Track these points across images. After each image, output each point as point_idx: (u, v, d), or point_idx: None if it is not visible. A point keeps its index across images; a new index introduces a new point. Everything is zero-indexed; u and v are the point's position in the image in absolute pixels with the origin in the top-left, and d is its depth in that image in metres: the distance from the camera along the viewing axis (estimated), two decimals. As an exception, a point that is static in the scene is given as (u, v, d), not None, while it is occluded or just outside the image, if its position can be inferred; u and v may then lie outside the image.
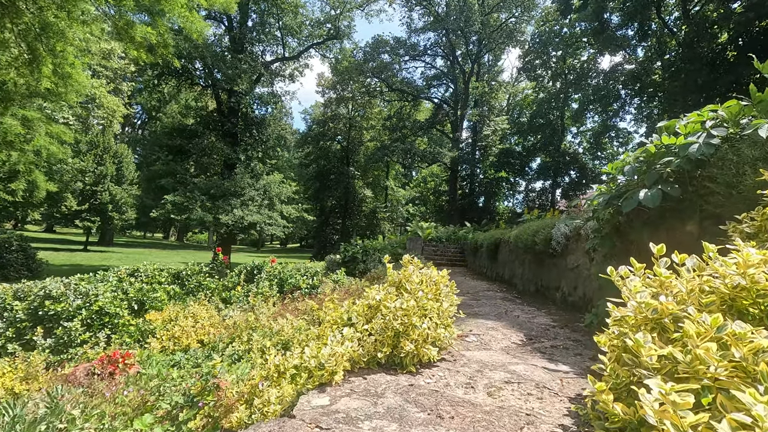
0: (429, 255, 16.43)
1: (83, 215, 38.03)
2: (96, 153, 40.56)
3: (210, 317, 3.97)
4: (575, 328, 3.41)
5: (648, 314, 1.45)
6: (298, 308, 4.50)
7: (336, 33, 26.27)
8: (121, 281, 5.00)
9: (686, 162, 2.25)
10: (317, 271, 6.24)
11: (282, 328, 2.80)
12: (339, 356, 2.21)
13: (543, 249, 5.09)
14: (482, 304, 4.70)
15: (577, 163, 30.63)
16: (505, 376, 2.35)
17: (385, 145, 36.76)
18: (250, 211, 21.81)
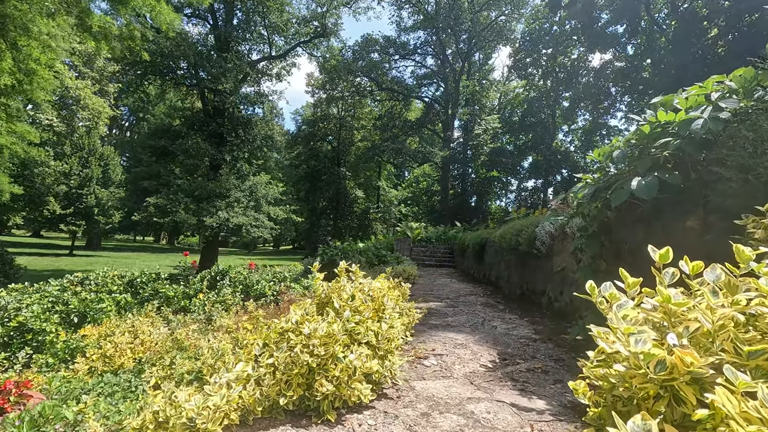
0: (418, 256, 16.02)
1: (68, 219, 37.22)
2: (81, 155, 39.74)
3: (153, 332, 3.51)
4: (559, 342, 3.01)
5: (650, 371, 0.93)
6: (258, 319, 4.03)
7: (323, 31, 25.80)
8: (64, 290, 4.50)
9: (688, 142, 1.83)
10: (286, 276, 5.78)
11: (205, 351, 2.33)
12: (216, 409, 1.61)
13: (527, 250, 4.68)
14: (459, 312, 4.27)
15: (569, 161, 30.42)
16: (457, 423, 1.83)
17: (375, 144, 36.40)
18: (235, 213, 21.25)
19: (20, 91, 9.92)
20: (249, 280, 5.43)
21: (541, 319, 4.02)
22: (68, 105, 42.17)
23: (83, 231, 38.71)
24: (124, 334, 3.32)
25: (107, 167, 42.51)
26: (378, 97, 39.50)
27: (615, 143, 2.49)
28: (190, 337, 3.08)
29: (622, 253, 2.36)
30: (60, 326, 3.80)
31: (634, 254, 2.26)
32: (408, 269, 7.38)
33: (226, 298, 4.86)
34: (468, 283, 7.96)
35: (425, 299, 5.29)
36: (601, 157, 2.53)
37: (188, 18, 27.02)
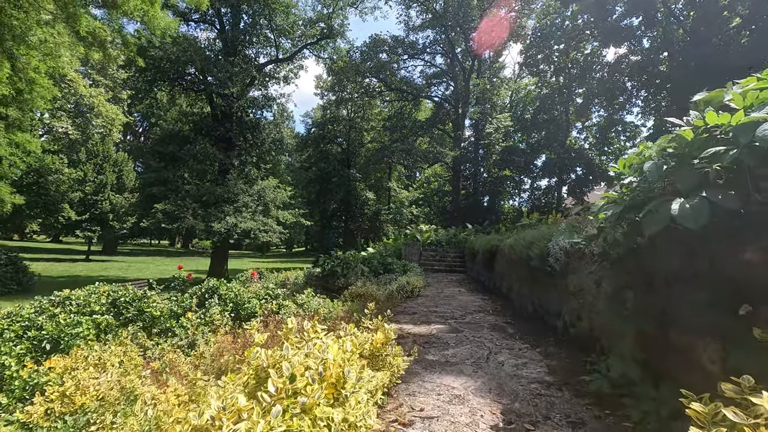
0: (427, 260, 15.58)
1: (84, 225, 37.82)
2: (96, 162, 40.38)
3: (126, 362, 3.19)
4: (578, 391, 2.51)
5: None
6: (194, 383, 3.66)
7: (329, 32, 25.54)
8: (41, 312, 4.22)
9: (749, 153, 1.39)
10: (278, 293, 5.43)
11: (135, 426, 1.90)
12: None
13: (539, 265, 4.23)
14: (462, 341, 3.79)
15: (584, 159, 29.51)
16: None
17: (385, 145, 36.03)
18: (243, 217, 21.10)
19: (21, 100, 9.81)
20: (240, 298, 5.10)
21: (556, 349, 3.55)
22: (83, 113, 42.95)
23: (98, 236, 39.30)
24: (88, 369, 2.99)
25: (121, 173, 43.15)
26: (387, 97, 39.11)
27: (644, 150, 2.04)
28: (148, 380, 2.73)
29: (656, 285, 1.93)
30: (29, 356, 3.51)
31: (670, 287, 1.84)
32: (413, 281, 6.97)
33: (214, 318, 4.52)
34: (477, 294, 7.49)
35: (427, 319, 4.86)
36: (628, 169, 2.09)
37: (196, 23, 27.11)
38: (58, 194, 32.67)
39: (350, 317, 4.16)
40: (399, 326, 4.30)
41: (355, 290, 6.17)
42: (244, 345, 3.96)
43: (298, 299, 5.30)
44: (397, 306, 5.84)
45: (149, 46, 20.65)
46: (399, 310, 5.46)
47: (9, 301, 16.53)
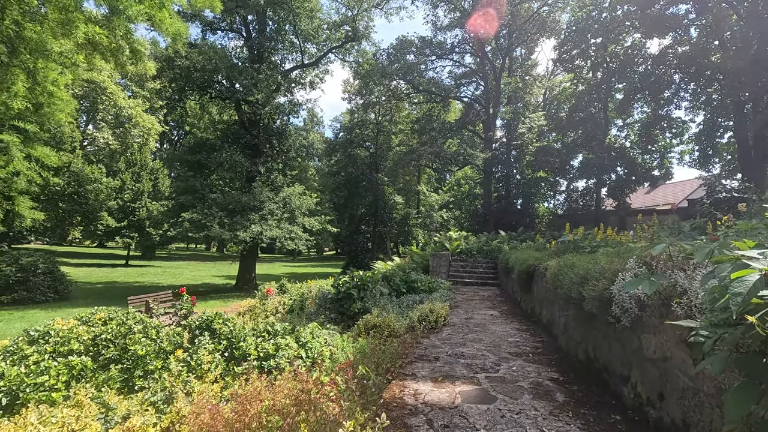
0: (456, 272, 14.66)
1: (123, 231, 39.33)
2: (134, 171, 41.98)
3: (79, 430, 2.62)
4: None
5: None
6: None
7: (354, 35, 25.08)
8: (12, 353, 3.75)
9: None
10: (277, 330, 4.73)
11: None
12: None
13: (597, 313, 3.33)
14: (495, 420, 2.95)
15: (625, 158, 27.59)
16: None
17: (413, 148, 35.28)
18: (269, 225, 20.88)
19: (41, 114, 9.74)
20: (235, 334, 4.48)
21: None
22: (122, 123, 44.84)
23: (136, 242, 40.74)
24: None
25: (157, 181, 44.66)
26: (415, 99, 38.34)
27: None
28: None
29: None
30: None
31: None
32: (437, 308, 6.16)
33: (203, 358, 3.92)
34: (512, 321, 6.55)
35: (451, 371, 3.98)
36: None
37: (223, 32, 27.42)
38: (97, 203, 33.93)
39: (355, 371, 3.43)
40: (414, 387, 3.50)
41: (370, 320, 5.46)
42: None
43: (302, 334, 4.64)
44: (417, 343, 5.05)
45: (176, 56, 20.87)
46: (418, 354, 4.65)
47: (45, 310, 16.93)
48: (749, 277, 1.32)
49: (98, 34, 7.80)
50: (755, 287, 1.28)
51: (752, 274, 1.31)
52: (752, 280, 1.31)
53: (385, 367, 3.86)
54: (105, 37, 7.86)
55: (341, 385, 3.39)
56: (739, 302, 1.27)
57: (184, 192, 22.93)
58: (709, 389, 2.02)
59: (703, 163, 24.39)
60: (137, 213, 38.59)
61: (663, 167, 29.42)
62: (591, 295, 3.30)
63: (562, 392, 3.45)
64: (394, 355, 4.15)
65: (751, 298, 1.26)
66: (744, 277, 1.33)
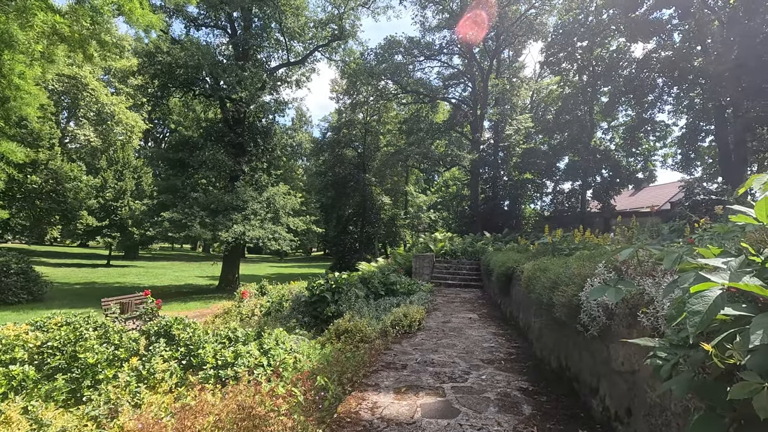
0: (440, 273, 14.52)
1: (104, 231, 38.44)
2: (116, 169, 41.06)
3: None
4: None
5: None
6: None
7: (341, 33, 24.84)
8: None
9: None
10: (238, 337, 4.50)
11: None
12: None
13: (566, 320, 3.16)
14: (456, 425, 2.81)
15: (610, 161, 27.85)
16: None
17: (401, 149, 35.15)
18: (252, 225, 20.51)
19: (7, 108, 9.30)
20: (195, 340, 4.23)
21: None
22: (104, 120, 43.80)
23: (118, 242, 39.89)
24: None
25: (140, 179, 43.78)
26: (403, 100, 38.22)
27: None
28: None
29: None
30: None
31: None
32: (412, 312, 5.97)
33: (156, 367, 3.67)
34: (490, 325, 6.39)
35: (417, 381, 3.76)
36: (765, 218, 1.12)
37: (208, 28, 26.96)
38: (76, 201, 33.06)
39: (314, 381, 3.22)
40: (374, 400, 3.28)
41: (341, 324, 5.25)
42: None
43: (266, 341, 4.41)
44: (387, 350, 4.85)
45: (157, 51, 20.39)
46: (386, 361, 4.43)
47: (16, 312, 16.32)
48: (710, 292, 1.13)
49: (59, 23, 7.40)
50: (715, 305, 1.09)
51: (713, 288, 1.14)
52: (713, 295, 1.12)
53: (348, 377, 3.66)
54: (67, 26, 7.46)
55: (299, 397, 3.19)
56: (697, 323, 1.08)
57: (164, 191, 22.43)
58: (676, 408, 1.87)
59: (686, 166, 24.73)
60: (119, 212, 37.76)
61: (647, 170, 29.80)
62: (560, 302, 3.13)
63: (530, 404, 3.27)
64: (359, 364, 3.95)
65: (711, 318, 1.08)
66: (704, 292, 1.14)
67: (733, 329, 1.04)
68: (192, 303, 19.85)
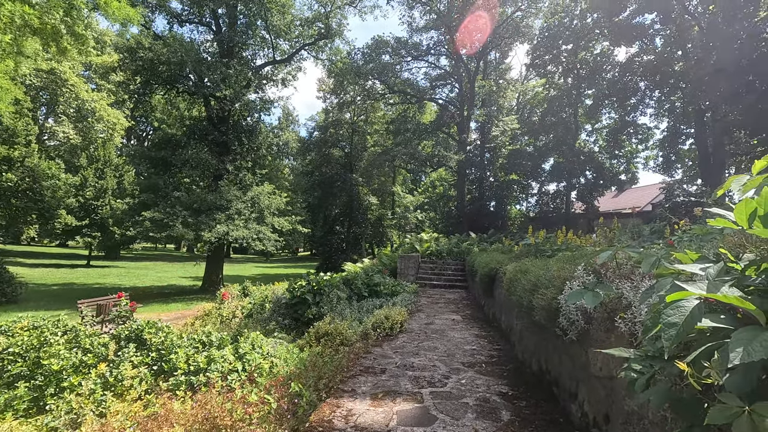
0: (425, 274, 14.48)
1: (84, 230, 37.48)
2: (97, 167, 40.07)
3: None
4: None
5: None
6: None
7: (327, 32, 24.64)
8: None
9: None
10: (212, 341, 4.36)
11: None
12: None
13: (545, 324, 3.12)
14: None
15: (593, 163, 28.28)
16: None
17: (388, 149, 35.08)
18: (235, 225, 20.19)
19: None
20: (167, 345, 4.07)
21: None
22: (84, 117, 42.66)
23: (98, 242, 38.96)
24: None
25: (122, 178, 42.81)
26: (391, 100, 38.16)
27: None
28: None
29: None
30: None
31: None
32: (394, 314, 5.88)
33: (124, 376, 3.50)
34: (473, 326, 6.34)
35: (395, 386, 3.69)
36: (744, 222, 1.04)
37: (192, 25, 26.49)
38: (54, 200, 32.14)
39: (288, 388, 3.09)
40: (349, 407, 3.17)
41: (321, 327, 5.14)
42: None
43: (241, 345, 4.27)
44: (367, 353, 4.74)
45: (138, 47, 19.94)
46: (365, 365, 4.33)
47: (-12, 314, 15.77)
48: (686, 303, 1.05)
49: (29, 14, 7.08)
50: (692, 317, 1.00)
51: (690, 297, 1.06)
52: (689, 306, 1.04)
53: (324, 382, 3.55)
54: (37, 18, 7.14)
55: (272, 404, 3.07)
56: (673, 336, 0.99)
57: (146, 190, 21.95)
58: (654, 417, 1.81)
59: (666, 168, 25.20)
60: (100, 211, 36.84)
61: (629, 172, 30.33)
62: (540, 305, 3.08)
63: (509, 410, 3.20)
64: (337, 368, 3.84)
65: (687, 332, 1.00)
66: (680, 303, 1.06)
67: (711, 343, 0.97)
68: (174, 304, 19.47)
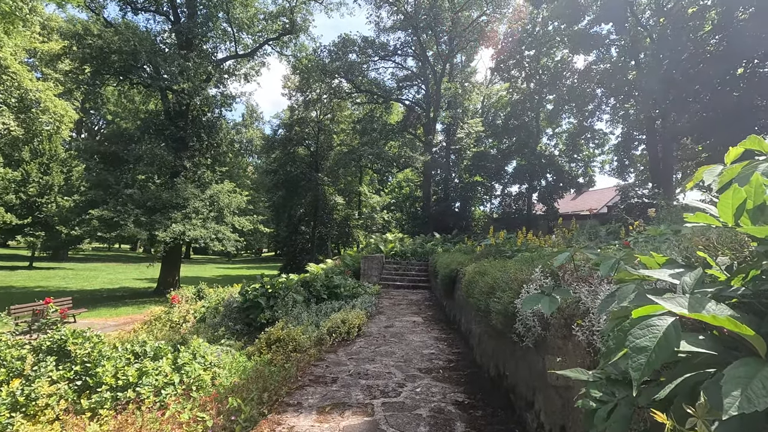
0: (389, 275, 14.33)
1: (26, 230, 34.94)
2: (41, 162, 37.40)
3: None
4: None
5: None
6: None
7: (292, 27, 24.04)
8: None
9: None
10: (146, 351, 3.97)
11: None
12: None
13: (502, 329, 2.98)
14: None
15: (554, 165, 29.20)
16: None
17: (354, 148, 34.76)
18: (193, 225, 19.26)
19: None
20: (94, 357, 3.63)
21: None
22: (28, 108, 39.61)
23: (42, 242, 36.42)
24: None
25: (70, 174, 40.13)
26: (357, 99, 37.88)
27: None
28: None
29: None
30: None
31: None
32: (351, 318, 5.65)
33: (39, 393, 3.07)
34: (433, 329, 6.20)
35: (346, 397, 3.43)
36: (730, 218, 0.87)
37: (147, 13, 25.20)
38: (-12, 196, 29.71)
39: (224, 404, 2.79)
40: (291, 423, 2.87)
41: (273, 333, 4.83)
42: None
43: (180, 356, 3.89)
44: (320, 360, 4.48)
45: (86, 33, 18.65)
46: (315, 374, 4.06)
47: None
48: (659, 321, 0.84)
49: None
50: (667, 340, 0.79)
51: (660, 312, 0.85)
52: (662, 326, 0.83)
53: (268, 395, 3.26)
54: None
55: (208, 422, 2.75)
56: (642, 365, 0.78)
57: (95, 186, 20.58)
58: None
59: (621, 172, 26.31)
60: (44, 209, 34.38)
61: (587, 175, 31.51)
62: (496, 309, 2.93)
63: (464, 420, 3.05)
64: (284, 379, 3.56)
65: (661, 360, 0.79)
66: (651, 321, 0.84)
67: (688, 374, 0.79)
68: (123, 308, 18.38)
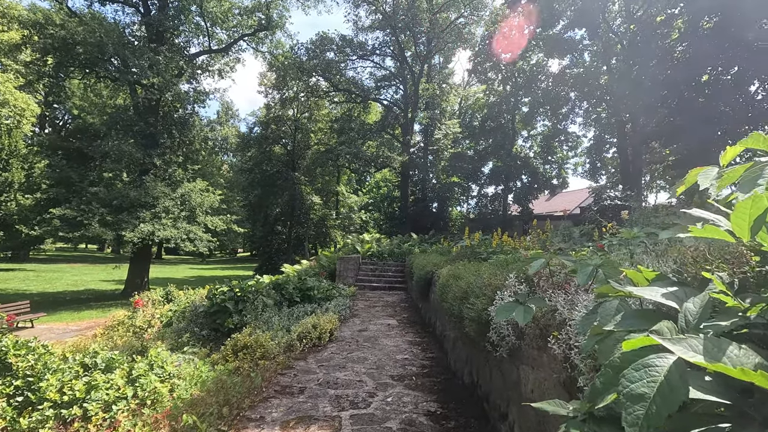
0: (365, 276, 14.15)
1: (-19, 229, 33.08)
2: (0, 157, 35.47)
3: None
4: None
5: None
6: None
7: (267, 23, 23.54)
8: None
9: None
10: (97, 362, 3.67)
11: None
12: None
13: (475, 337, 2.87)
14: None
15: (529, 167, 29.72)
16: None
17: (331, 148, 34.43)
18: (162, 224, 18.57)
19: None
20: (37, 369, 3.31)
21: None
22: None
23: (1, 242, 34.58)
24: None
25: (32, 171, 38.20)
26: (335, 98, 37.56)
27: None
28: None
29: None
30: None
31: None
32: (323, 323, 5.47)
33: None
34: (408, 332, 6.08)
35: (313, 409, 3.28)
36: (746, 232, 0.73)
37: (116, 4, 24.21)
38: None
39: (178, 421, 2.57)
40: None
41: (240, 339, 4.60)
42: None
43: (136, 368, 3.61)
44: (288, 368, 4.28)
45: (47, 23, 17.71)
46: (282, 384, 3.84)
47: None
48: (658, 360, 0.68)
49: None
50: (671, 387, 0.64)
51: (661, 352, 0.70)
52: (663, 367, 0.67)
53: (228, 409, 3.04)
54: None
55: (160, 442, 2.52)
56: (640, 419, 0.63)
57: (58, 184, 19.59)
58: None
59: (593, 174, 26.96)
60: (3, 207, 32.65)
61: (560, 177, 32.19)
62: (470, 316, 2.82)
63: (440, 416, 2.93)
64: (247, 390, 3.35)
65: (665, 412, 0.63)
66: (648, 360, 0.69)
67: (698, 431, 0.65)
68: (87, 312, 17.55)
